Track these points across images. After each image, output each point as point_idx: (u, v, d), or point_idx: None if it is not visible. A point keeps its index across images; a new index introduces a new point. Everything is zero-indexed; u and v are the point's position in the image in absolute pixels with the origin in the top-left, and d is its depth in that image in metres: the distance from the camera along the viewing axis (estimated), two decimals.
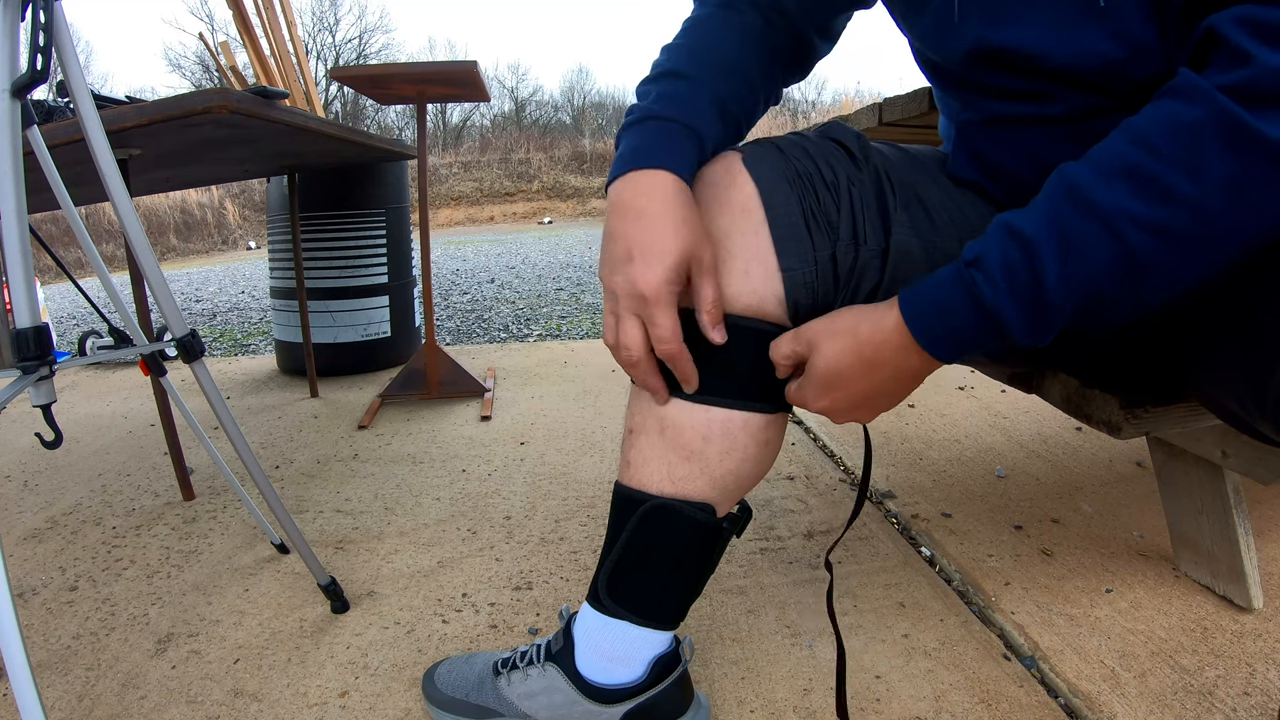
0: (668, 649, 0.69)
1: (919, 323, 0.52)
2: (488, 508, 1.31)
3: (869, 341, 0.55)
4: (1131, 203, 0.45)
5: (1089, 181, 0.46)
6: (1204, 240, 0.45)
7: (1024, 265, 0.47)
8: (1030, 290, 0.47)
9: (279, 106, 1.20)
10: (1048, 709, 0.76)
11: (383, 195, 2.37)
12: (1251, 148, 0.42)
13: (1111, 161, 0.46)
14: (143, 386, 2.34)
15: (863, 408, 0.58)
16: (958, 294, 0.50)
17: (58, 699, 0.82)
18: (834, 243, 0.62)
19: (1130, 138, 0.46)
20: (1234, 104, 0.42)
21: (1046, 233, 0.47)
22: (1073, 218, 0.47)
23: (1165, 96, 0.46)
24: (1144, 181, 0.45)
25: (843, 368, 0.56)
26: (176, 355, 0.88)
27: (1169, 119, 0.45)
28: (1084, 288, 0.47)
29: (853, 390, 0.57)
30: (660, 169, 0.58)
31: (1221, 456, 0.86)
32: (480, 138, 22.40)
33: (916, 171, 0.69)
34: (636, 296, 0.55)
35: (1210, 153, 0.43)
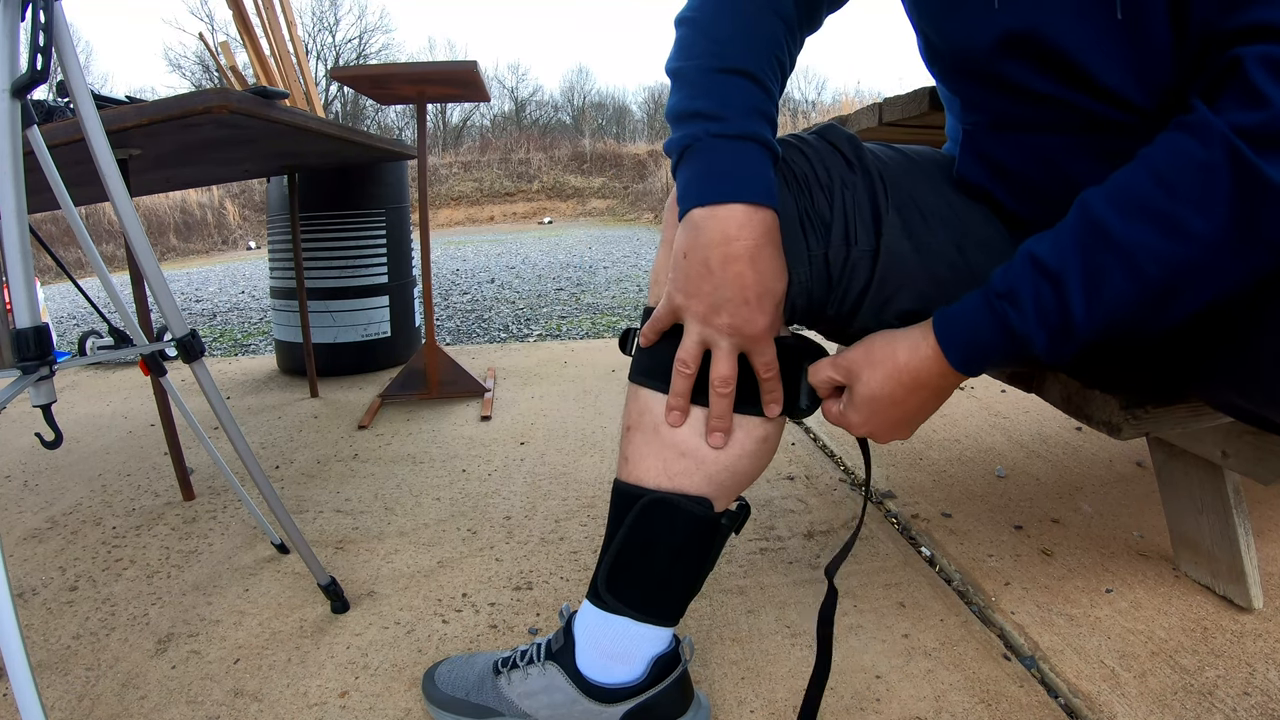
0: (668, 648, 0.69)
1: (957, 351, 0.56)
2: (488, 508, 1.31)
3: (907, 368, 0.58)
4: (1152, 239, 0.48)
5: (1111, 217, 0.50)
6: (1215, 271, 0.49)
7: (1053, 298, 0.51)
8: (1059, 320, 0.51)
9: (279, 106, 1.20)
10: (1048, 709, 0.76)
11: (383, 195, 2.37)
12: (1260, 190, 0.45)
13: (1132, 198, 0.49)
14: (143, 386, 2.34)
15: (903, 426, 0.62)
16: (991, 324, 0.54)
17: (58, 699, 0.82)
18: (827, 244, 0.63)
19: (1149, 174, 0.49)
20: (1246, 147, 0.45)
21: (1073, 267, 0.50)
22: (1097, 253, 0.50)
23: (1181, 131, 0.49)
24: (1161, 219, 0.48)
25: (884, 393, 0.59)
26: (176, 355, 0.88)
27: (1185, 158, 0.48)
28: (1106, 315, 0.51)
29: (895, 413, 0.60)
30: (766, 206, 0.57)
31: (1221, 456, 0.86)
32: (480, 138, 22.40)
33: (912, 173, 0.69)
34: (747, 337, 0.58)
35: (1222, 193, 0.46)
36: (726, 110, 0.58)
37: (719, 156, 0.57)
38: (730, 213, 0.56)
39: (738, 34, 0.60)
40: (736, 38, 0.60)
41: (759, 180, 0.57)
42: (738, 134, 0.57)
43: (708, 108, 0.58)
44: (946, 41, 0.66)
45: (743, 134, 0.57)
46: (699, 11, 0.62)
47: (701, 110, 0.58)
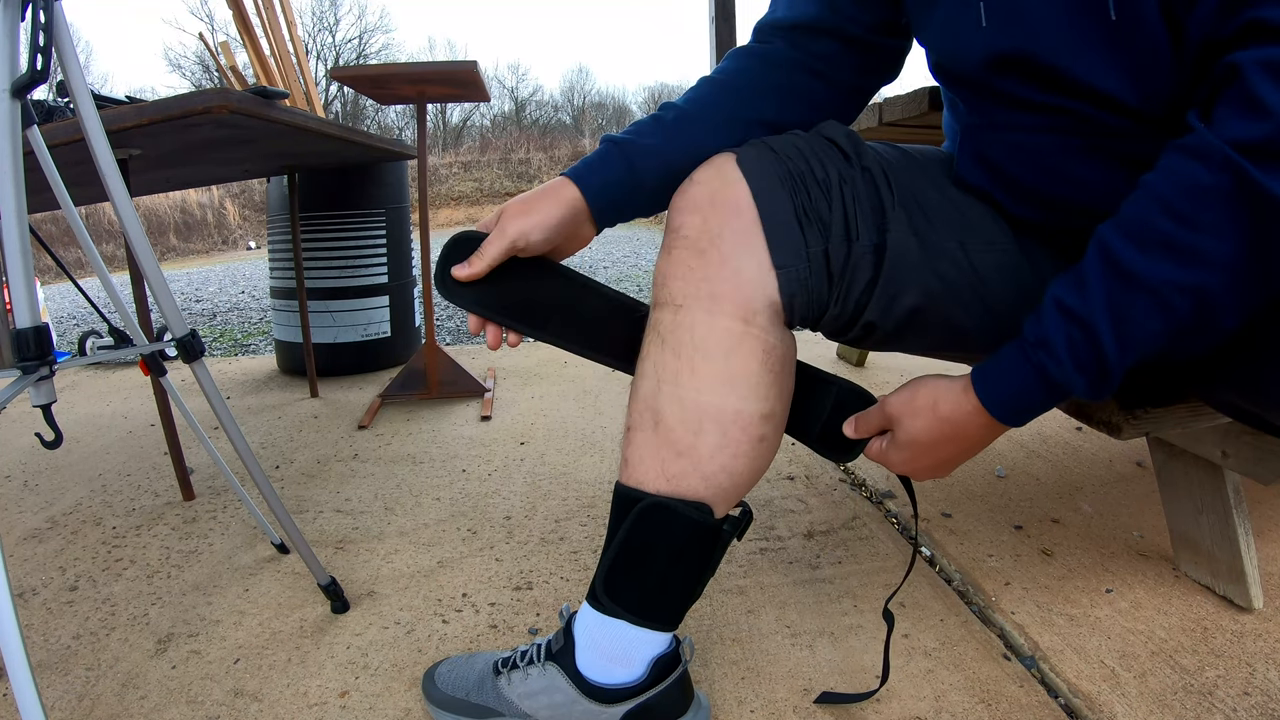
0: (668, 649, 0.69)
1: (999, 407, 0.57)
2: (488, 508, 1.31)
3: (949, 420, 0.60)
4: (1173, 272, 0.49)
5: (1128, 254, 0.50)
6: (1239, 292, 0.49)
7: (1085, 344, 0.52)
8: (1094, 363, 0.52)
9: (279, 106, 1.20)
10: (1048, 709, 0.76)
11: (383, 195, 2.37)
12: (1270, 207, 0.45)
13: (1145, 231, 0.50)
14: (143, 386, 2.34)
15: (942, 468, 0.65)
16: (1029, 376, 0.55)
17: (58, 699, 0.82)
18: (826, 239, 0.62)
19: (1158, 204, 0.49)
20: (1249, 165, 0.45)
21: (1101, 311, 0.51)
22: (1122, 293, 0.50)
23: (1181, 154, 0.49)
24: (1178, 250, 0.48)
25: (926, 441, 0.62)
26: (176, 355, 0.88)
27: (1190, 185, 0.48)
28: (1140, 350, 0.52)
29: (935, 458, 0.63)
30: (572, 181, 0.70)
31: (1221, 456, 0.86)
32: (480, 138, 22.40)
33: (913, 171, 0.69)
34: (488, 231, 0.70)
35: (1233, 216, 0.46)
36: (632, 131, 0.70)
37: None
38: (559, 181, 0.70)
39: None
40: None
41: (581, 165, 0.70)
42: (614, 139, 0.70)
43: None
44: (942, 57, 0.68)
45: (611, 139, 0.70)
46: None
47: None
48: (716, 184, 0.63)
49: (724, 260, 0.61)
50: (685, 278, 0.62)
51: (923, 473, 0.66)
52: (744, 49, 0.75)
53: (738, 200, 0.61)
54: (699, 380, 0.61)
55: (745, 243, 0.61)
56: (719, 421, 0.61)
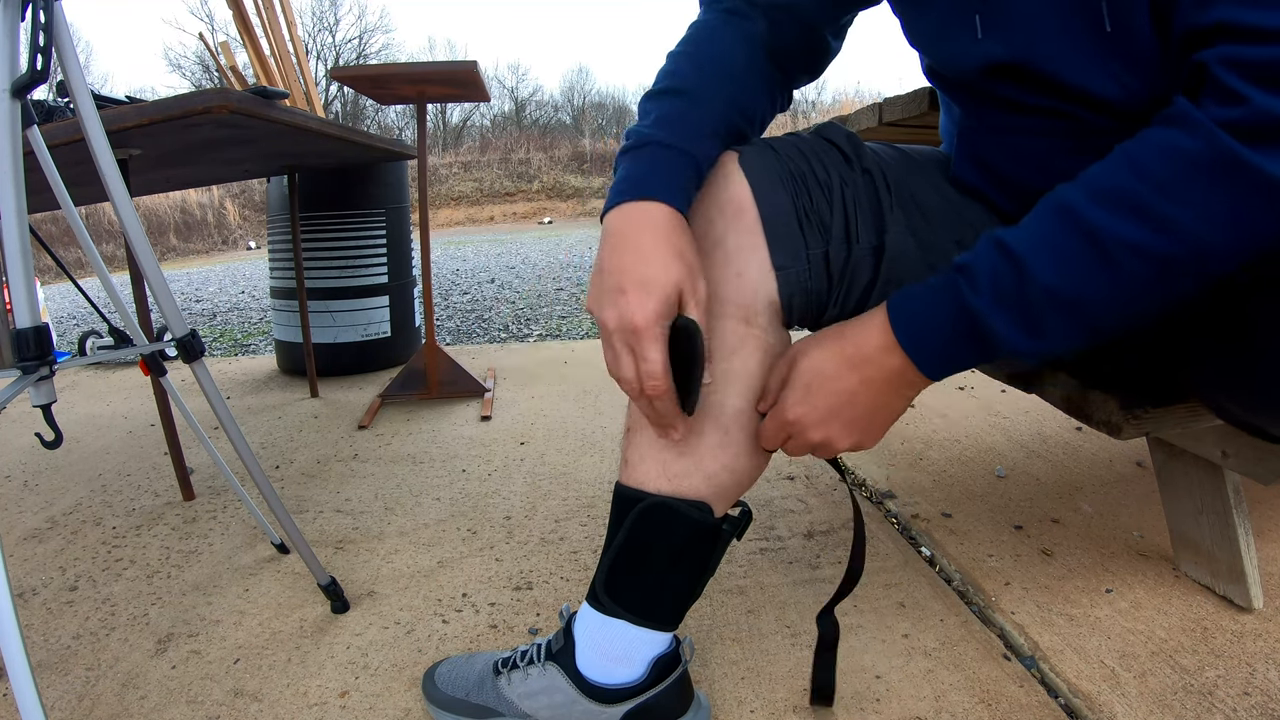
0: (668, 649, 0.69)
1: (903, 322, 0.52)
2: (488, 508, 1.31)
3: (852, 340, 0.55)
4: (1130, 230, 0.47)
5: (1086, 205, 0.48)
6: (1197, 265, 0.47)
7: (1012, 278, 0.49)
8: (1018, 301, 0.49)
9: (279, 106, 1.20)
10: (1048, 709, 0.76)
11: (383, 195, 2.37)
12: (1251, 182, 0.44)
13: (1110, 188, 0.48)
14: (143, 386, 2.34)
15: (841, 417, 0.55)
16: (944, 298, 0.51)
17: (58, 699, 0.82)
18: (826, 241, 0.62)
19: (1129, 166, 0.48)
20: (1233, 140, 0.44)
21: (1038, 248, 0.48)
22: (1065, 236, 0.48)
23: (1162, 124, 0.48)
24: (1143, 212, 0.46)
25: (825, 367, 0.55)
26: (176, 355, 0.88)
27: (1168, 149, 0.47)
28: (1072, 304, 0.48)
29: (835, 389, 0.55)
30: (654, 200, 0.56)
31: (1221, 456, 0.86)
32: (480, 138, 22.40)
33: (913, 172, 0.69)
34: (628, 330, 0.53)
35: (1209, 185, 0.45)
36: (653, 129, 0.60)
37: (629, 166, 0.59)
38: (622, 211, 0.57)
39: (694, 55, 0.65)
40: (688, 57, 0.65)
41: (656, 179, 0.57)
42: (647, 142, 0.59)
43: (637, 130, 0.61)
44: (936, 62, 0.67)
45: (652, 141, 0.59)
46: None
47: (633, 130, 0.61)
48: (718, 185, 0.63)
49: (727, 262, 0.61)
50: None
51: (816, 418, 0.55)
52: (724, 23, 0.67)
53: (740, 201, 0.61)
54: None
55: (747, 245, 0.61)
56: (721, 421, 0.61)
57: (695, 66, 0.64)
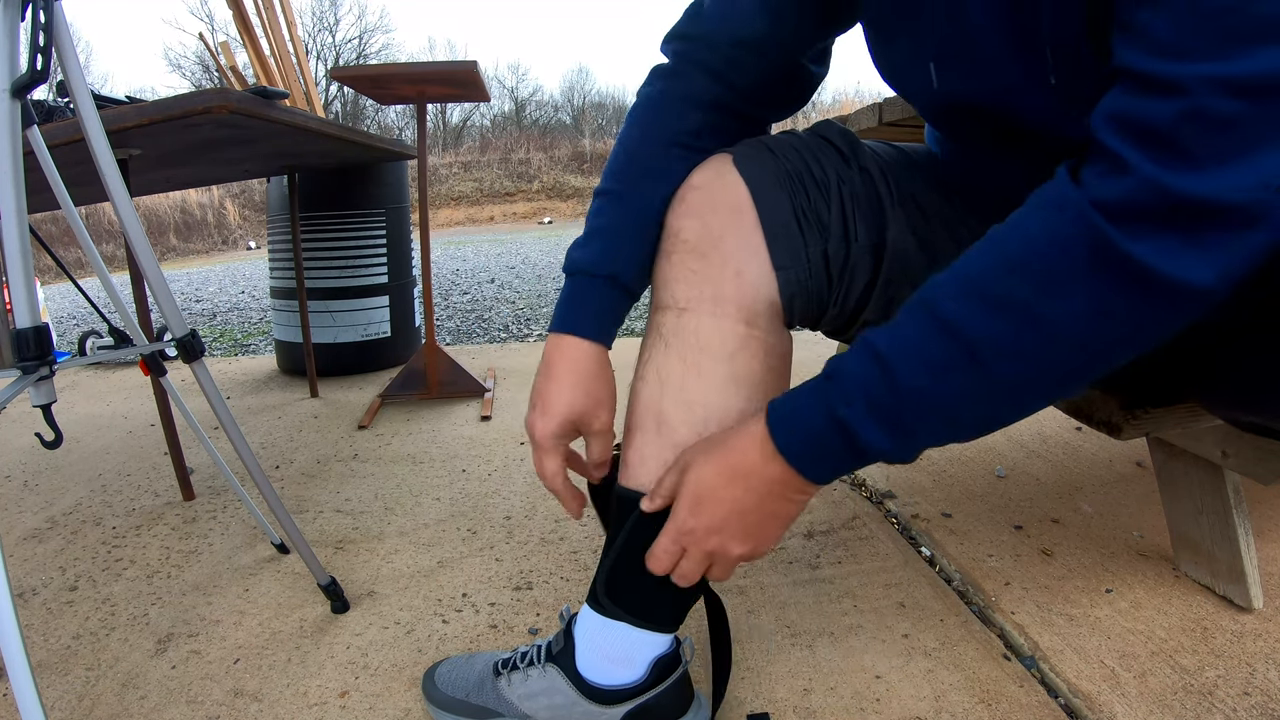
0: (668, 649, 0.69)
1: (781, 433, 0.51)
2: (488, 508, 1.31)
3: (736, 449, 0.54)
4: (996, 328, 0.43)
5: (953, 300, 0.45)
6: (1069, 362, 0.44)
7: (881, 384, 0.46)
8: (888, 409, 0.47)
9: (279, 106, 1.20)
10: (1048, 709, 0.76)
11: (383, 195, 2.37)
12: (1119, 271, 0.40)
13: (977, 280, 0.45)
14: (143, 386, 2.34)
15: (733, 528, 0.55)
16: (816, 405, 0.50)
17: (58, 699, 0.82)
18: (825, 240, 0.62)
19: (997, 255, 0.44)
20: (1106, 223, 0.39)
21: (906, 351, 0.46)
22: (932, 337, 0.45)
23: (1035, 204, 0.44)
24: (1009, 308, 0.43)
25: (712, 479, 0.55)
26: (176, 355, 0.88)
27: (1035, 236, 0.43)
28: (942, 407, 0.46)
29: (721, 505, 0.55)
30: (573, 335, 0.65)
31: (1221, 456, 0.86)
32: (480, 138, 22.41)
33: (911, 170, 0.69)
34: (532, 439, 0.66)
35: (1078, 276, 0.41)
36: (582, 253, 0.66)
37: (563, 294, 0.67)
38: (551, 339, 0.67)
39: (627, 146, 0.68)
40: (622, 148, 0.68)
41: (578, 313, 0.65)
42: (575, 271, 0.66)
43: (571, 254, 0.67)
44: (903, 95, 0.67)
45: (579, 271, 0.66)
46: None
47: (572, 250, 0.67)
48: (715, 186, 0.62)
49: (725, 262, 0.61)
50: (688, 281, 0.61)
51: (708, 529, 0.55)
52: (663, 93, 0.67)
53: (738, 201, 0.61)
54: (704, 383, 0.61)
55: (746, 244, 0.61)
56: (724, 423, 0.61)
57: (626, 160, 0.67)
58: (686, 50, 0.67)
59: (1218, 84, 0.36)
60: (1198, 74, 0.36)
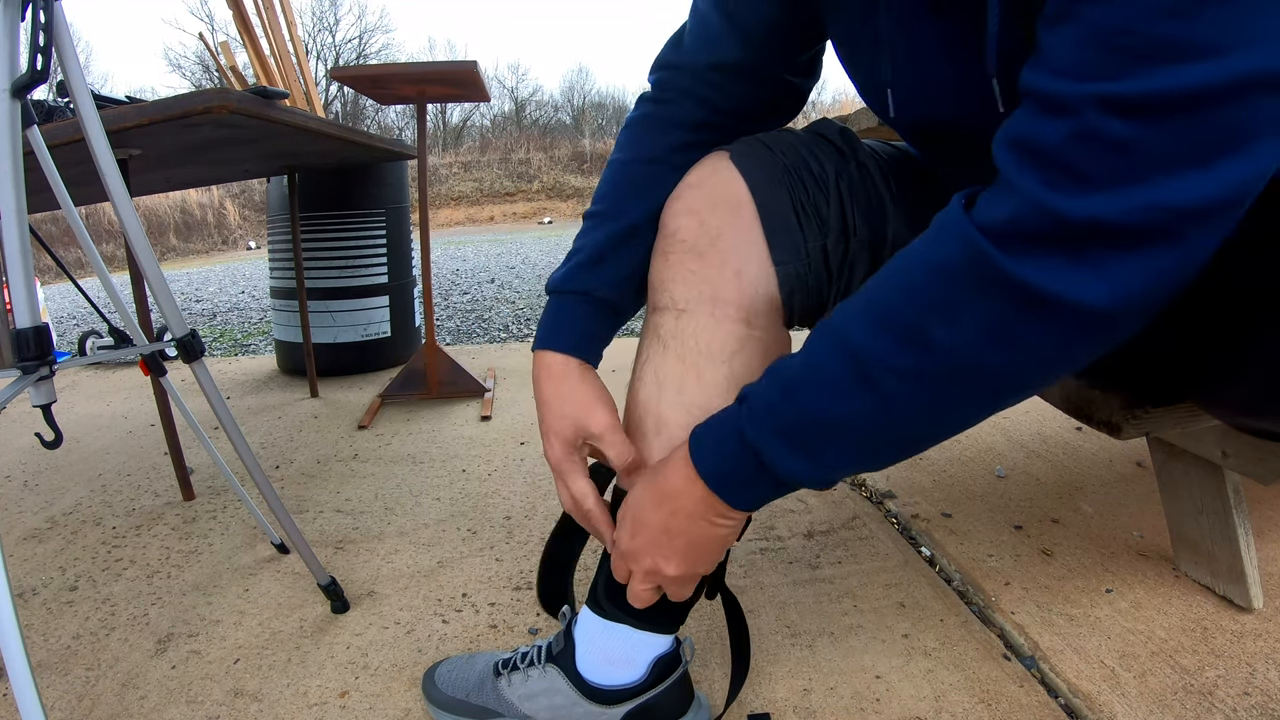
0: (668, 650, 0.69)
1: (699, 456, 0.52)
2: (488, 508, 1.31)
3: (663, 474, 0.56)
4: (889, 350, 0.43)
5: (853, 323, 0.45)
6: (967, 383, 0.43)
7: (785, 406, 0.47)
8: (794, 429, 0.47)
9: (279, 106, 1.20)
10: (1048, 709, 0.76)
11: (383, 195, 2.37)
12: (1006, 293, 0.39)
13: (877, 303, 0.45)
14: (143, 386, 2.34)
15: (665, 549, 0.56)
16: (729, 428, 0.50)
17: (58, 699, 0.82)
18: (825, 235, 0.62)
19: (896, 277, 0.45)
20: (991, 245, 0.39)
21: (807, 374, 0.47)
22: (831, 358, 0.46)
23: (930, 231, 0.44)
24: (903, 330, 0.43)
25: (642, 502, 0.57)
26: (176, 355, 0.88)
27: (929, 261, 0.43)
28: (842, 429, 0.46)
29: (650, 528, 0.56)
30: (552, 351, 0.65)
31: (1221, 456, 0.86)
32: (480, 138, 22.41)
33: (909, 166, 0.69)
34: (551, 468, 0.64)
35: (966, 300, 0.41)
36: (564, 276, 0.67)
37: (545, 313, 0.68)
38: (535, 359, 0.67)
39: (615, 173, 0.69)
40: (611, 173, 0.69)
41: (557, 330, 0.66)
42: (556, 290, 0.67)
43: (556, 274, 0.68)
44: (867, 101, 0.67)
45: (559, 290, 0.67)
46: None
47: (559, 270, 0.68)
48: (713, 183, 0.62)
49: (724, 261, 0.60)
50: (686, 281, 0.61)
51: (642, 552, 0.57)
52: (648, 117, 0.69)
53: (736, 197, 0.61)
54: (704, 385, 0.60)
55: (745, 242, 0.60)
56: None
57: (612, 182, 0.69)
58: (669, 79, 0.69)
59: (1108, 103, 0.35)
60: (1088, 93, 0.35)
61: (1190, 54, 0.33)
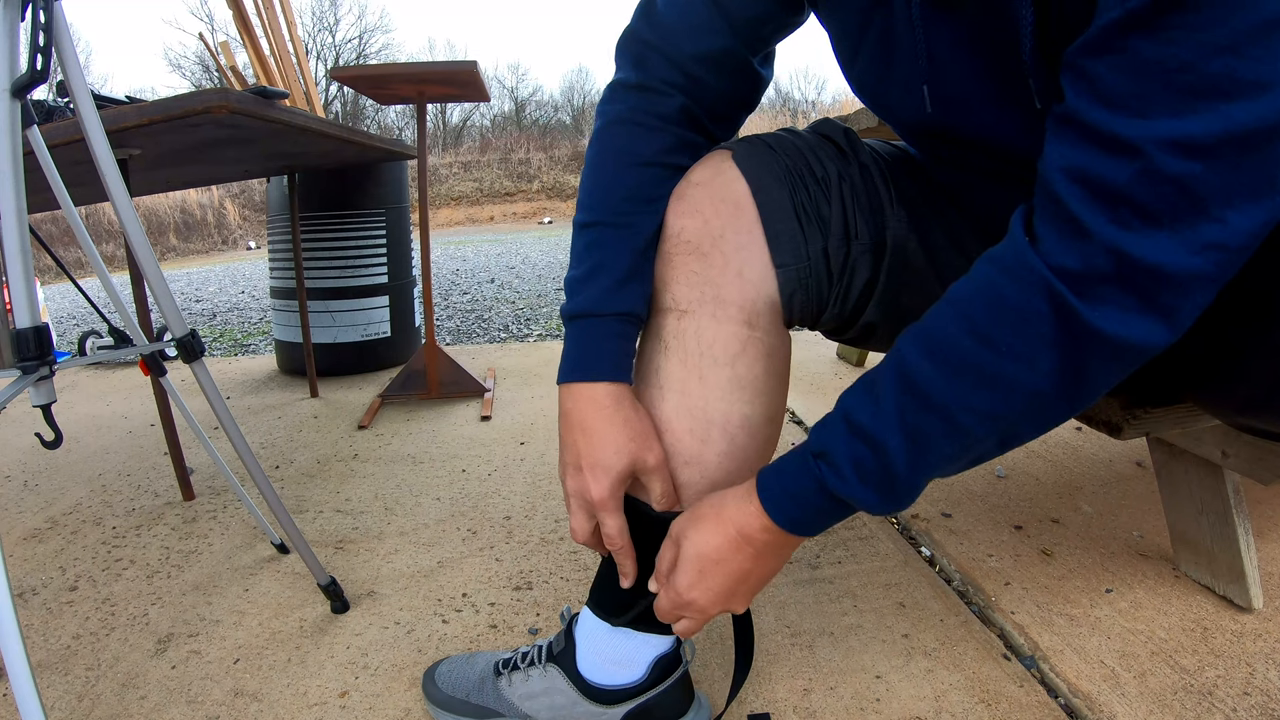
0: (669, 650, 0.69)
1: (777, 509, 0.54)
2: (488, 508, 1.31)
3: (734, 522, 0.56)
4: (972, 397, 0.45)
5: (930, 376, 0.47)
6: (1040, 415, 0.47)
7: (874, 461, 0.49)
8: (885, 481, 0.49)
9: (279, 106, 1.20)
10: (1048, 709, 0.76)
11: (383, 195, 2.37)
12: (1088, 342, 0.41)
13: (948, 351, 0.46)
14: (143, 386, 2.34)
15: (734, 594, 0.58)
16: (808, 485, 0.52)
17: (58, 699, 0.82)
18: (826, 237, 0.62)
19: (965, 325, 0.46)
20: (1070, 294, 0.40)
21: (892, 430, 0.48)
22: (916, 413, 0.47)
23: (994, 270, 0.45)
24: (982, 376, 0.45)
25: (712, 548, 0.57)
26: (176, 355, 0.88)
27: (1002, 306, 0.44)
28: (932, 470, 0.49)
29: (724, 575, 0.57)
30: (598, 381, 0.60)
31: (1221, 456, 0.86)
32: (480, 138, 22.41)
33: (911, 169, 0.69)
34: (588, 503, 0.61)
35: (1046, 345, 0.42)
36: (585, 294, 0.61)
37: (572, 339, 0.63)
38: (571, 391, 0.62)
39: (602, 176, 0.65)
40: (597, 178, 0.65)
41: (597, 358, 0.61)
42: (582, 314, 0.62)
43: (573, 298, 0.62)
44: (877, 110, 0.65)
45: (586, 314, 0.61)
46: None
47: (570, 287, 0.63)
48: (715, 183, 0.62)
49: (727, 262, 0.60)
50: (688, 282, 0.61)
51: (712, 601, 0.58)
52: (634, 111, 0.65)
53: (737, 198, 0.60)
54: (707, 388, 0.60)
55: (747, 242, 0.60)
56: (726, 429, 0.61)
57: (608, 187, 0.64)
58: (651, 61, 0.64)
59: (1173, 145, 0.36)
60: (1154, 135, 0.36)
61: (1244, 91, 0.34)
